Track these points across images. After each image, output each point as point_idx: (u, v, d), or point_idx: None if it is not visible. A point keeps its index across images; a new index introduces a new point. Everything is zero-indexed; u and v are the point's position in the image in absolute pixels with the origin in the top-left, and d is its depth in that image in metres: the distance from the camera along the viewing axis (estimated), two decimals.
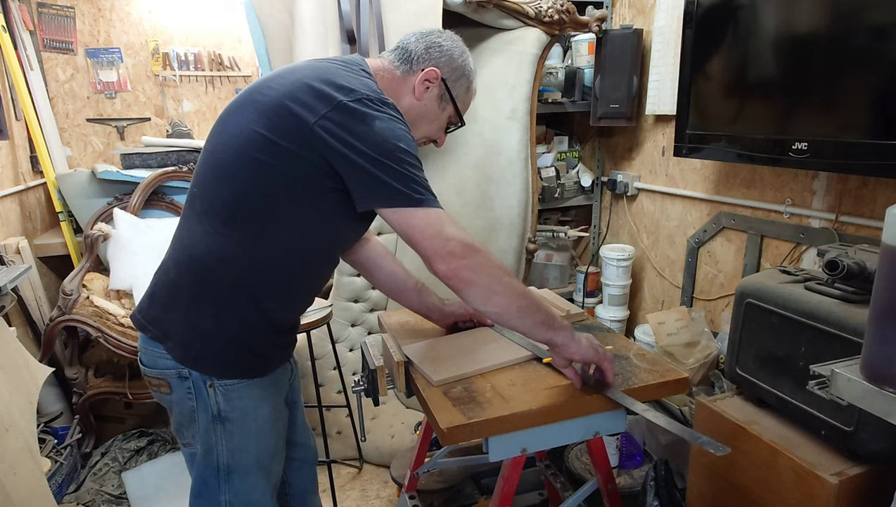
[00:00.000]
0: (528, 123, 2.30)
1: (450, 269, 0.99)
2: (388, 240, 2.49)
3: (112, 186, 2.53)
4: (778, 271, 1.59)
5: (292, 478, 1.41)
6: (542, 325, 1.06)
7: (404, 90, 1.18)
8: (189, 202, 1.13)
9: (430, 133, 1.25)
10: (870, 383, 0.84)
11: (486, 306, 1.04)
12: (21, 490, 1.58)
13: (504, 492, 1.18)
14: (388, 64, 1.19)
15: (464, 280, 1.00)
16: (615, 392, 1.10)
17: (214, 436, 1.13)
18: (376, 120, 0.99)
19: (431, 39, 1.19)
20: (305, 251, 1.11)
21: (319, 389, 2.04)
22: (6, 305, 1.81)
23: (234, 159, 1.03)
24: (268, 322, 1.13)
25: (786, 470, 1.37)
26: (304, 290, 1.21)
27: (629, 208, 2.73)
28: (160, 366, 1.11)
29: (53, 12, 2.73)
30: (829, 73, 1.57)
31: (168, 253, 1.15)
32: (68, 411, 2.38)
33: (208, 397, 1.11)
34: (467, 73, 1.22)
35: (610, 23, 2.63)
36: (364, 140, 0.98)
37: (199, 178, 1.10)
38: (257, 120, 1.02)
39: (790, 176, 1.90)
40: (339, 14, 2.05)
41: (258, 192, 1.03)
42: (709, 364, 1.99)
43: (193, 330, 1.09)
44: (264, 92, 1.04)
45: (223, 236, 1.06)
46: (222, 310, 1.08)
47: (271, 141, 1.00)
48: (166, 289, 1.12)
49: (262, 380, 1.16)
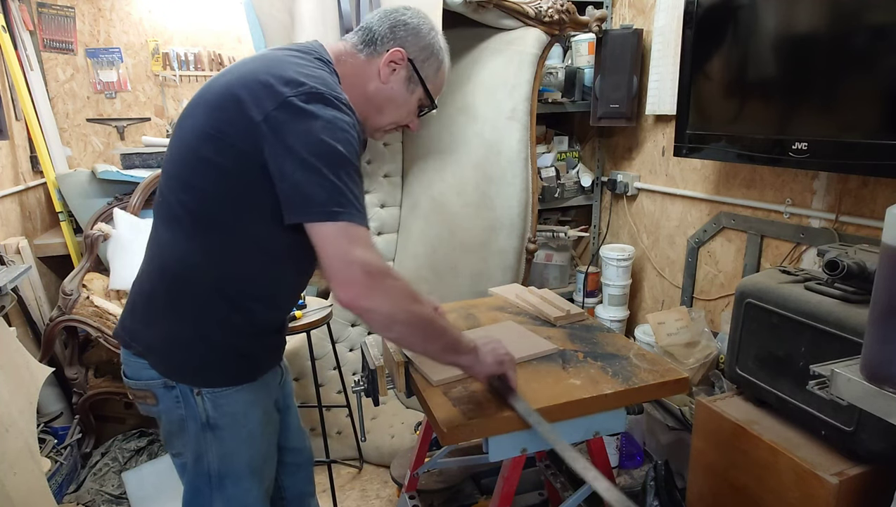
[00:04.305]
0: (528, 123, 2.30)
1: (347, 296, 0.92)
2: (389, 240, 2.50)
3: (112, 186, 2.53)
4: (778, 271, 1.59)
5: (287, 482, 1.38)
6: (447, 350, 1.05)
7: (369, 74, 1.11)
8: (156, 211, 1.10)
9: (399, 118, 1.17)
10: (870, 383, 0.84)
11: (386, 333, 1.01)
12: (21, 490, 1.58)
13: (504, 492, 1.18)
14: (351, 48, 1.12)
15: (361, 308, 0.93)
16: (517, 401, 1.08)
17: (205, 443, 1.10)
18: (319, 119, 0.94)
19: (396, 17, 1.11)
20: (277, 249, 1.06)
21: (319, 389, 2.04)
22: (6, 305, 1.81)
23: (191, 164, 1.00)
24: (253, 325, 1.10)
25: (786, 470, 1.37)
26: (287, 288, 1.16)
27: (629, 208, 2.73)
28: (144, 377, 1.08)
29: (53, 12, 2.73)
30: (829, 73, 1.57)
31: (142, 265, 1.12)
32: (68, 411, 2.38)
33: (196, 405, 1.08)
34: (436, 52, 1.15)
35: (610, 23, 2.63)
36: (301, 140, 0.92)
37: (162, 185, 1.07)
38: (206, 120, 0.99)
39: (790, 176, 1.90)
40: (339, 14, 2.05)
41: (217, 195, 1.00)
42: (709, 364, 1.98)
43: (175, 342, 1.06)
44: (213, 90, 1.01)
45: (190, 243, 1.03)
46: (202, 317, 1.05)
47: (222, 141, 0.97)
48: (143, 302, 1.09)
49: (253, 384, 1.13)
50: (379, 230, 2.49)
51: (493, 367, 1.10)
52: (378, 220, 2.47)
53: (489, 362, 1.09)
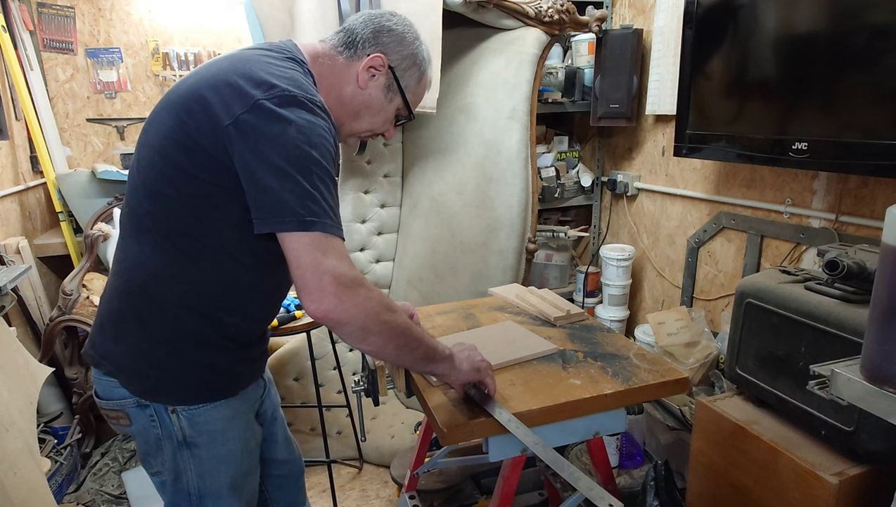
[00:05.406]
0: (528, 123, 2.30)
1: (319, 309, 0.88)
2: (389, 240, 2.50)
3: (112, 186, 2.53)
4: (778, 271, 1.59)
5: (275, 495, 1.34)
6: (423, 359, 1.03)
7: (347, 78, 1.07)
8: (122, 222, 1.05)
9: (374, 126, 1.13)
10: (870, 383, 0.84)
11: (360, 345, 0.96)
12: (21, 490, 1.58)
13: (504, 492, 1.18)
14: (330, 49, 1.08)
15: (334, 321, 0.90)
16: (494, 408, 1.07)
17: (182, 462, 1.06)
18: (292, 123, 0.89)
19: (380, 23, 1.08)
20: (250, 259, 1.01)
21: (319, 389, 2.04)
22: (6, 305, 1.81)
23: (156, 171, 0.96)
24: (228, 338, 1.05)
25: (786, 470, 1.37)
26: (263, 299, 1.10)
27: (629, 208, 2.73)
28: (116, 397, 1.03)
29: (53, 12, 2.73)
30: (828, 72, 1.57)
31: (109, 279, 1.07)
32: (68, 411, 2.38)
33: (172, 424, 1.03)
34: (419, 62, 1.12)
35: (610, 23, 2.63)
36: (273, 144, 0.88)
37: (128, 195, 1.03)
38: (172, 124, 0.94)
39: (790, 176, 1.90)
40: (339, 14, 2.05)
41: (185, 202, 0.95)
42: (709, 364, 1.98)
43: (146, 359, 1.01)
44: (179, 92, 0.96)
45: (158, 254, 0.98)
46: (174, 333, 1.00)
47: (188, 145, 0.93)
48: (111, 319, 1.04)
49: (231, 400, 1.08)
50: (379, 230, 2.49)
51: (469, 374, 1.09)
52: (378, 220, 2.47)
53: (465, 370, 1.08)
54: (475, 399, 1.11)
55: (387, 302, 0.96)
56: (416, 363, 1.05)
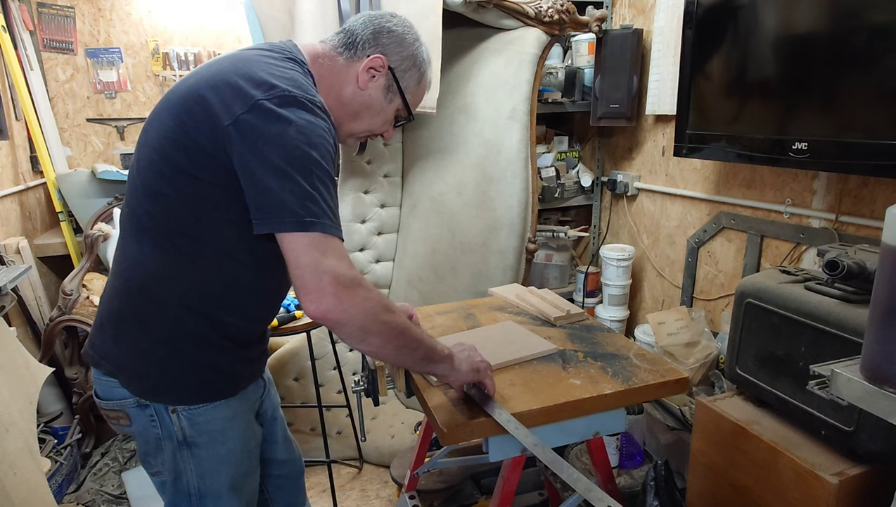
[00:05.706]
0: (528, 123, 2.30)
1: (318, 309, 0.88)
2: (389, 240, 2.50)
3: (112, 186, 2.53)
4: (778, 271, 1.59)
5: (275, 495, 1.34)
6: (423, 360, 1.03)
7: (346, 78, 1.08)
8: (122, 222, 1.05)
9: (373, 127, 1.14)
10: (870, 383, 0.84)
11: (360, 345, 0.96)
12: (21, 490, 1.58)
13: (504, 492, 1.18)
14: (330, 50, 1.09)
15: (333, 321, 0.90)
16: (494, 409, 1.07)
17: (182, 462, 1.07)
18: (292, 124, 0.90)
19: (380, 24, 1.08)
20: (249, 259, 1.01)
21: (319, 389, 2.04)
22: (6, 305, 1.81)
23: (156, 171, 0.96)
24: (228, 338, 1.05)
25: (786, 470, 1.37)
26: (263, 299, 1.11)
27: (629, 208, 2.73)
28: (116, 397, 1.04)
29: (53, 12, 2.73)
30: (828, 72, 1.57)
31: (109, 279, 1.07)
32: (68, 411, 2.38)
33: (172, 424, 1.04)
34: (419, 64, 1.12)
35: (610, 23, 2.63)
36: (273, 145, 0.89)
37: (128, 195, 1.03)
38: (172, 124, 0.94)
39: (790, 176, 1.90)
40: (339, 14, 2.05)
41: (185, 202, 0.95)
42: (709, 364, 1.98)
43: (146, 359, 1.02)
44: (179, 92, 0.97)
45: (158, 254, 0.98)
46: (174, 333, 1.01)
47: (188, 145, 0.93)
48: (111, 319, 1.05)
49: (231, 400, 1.09)
50: (379, 230, 2.49)
51: (469, 375, 1.09)
52: (378, 220, 2.47)
53: (465, 370, 1.08)
54: (475, 399, 1.11)
55: (386, 303, 0.96)
56: (415, 364, 1.05)
